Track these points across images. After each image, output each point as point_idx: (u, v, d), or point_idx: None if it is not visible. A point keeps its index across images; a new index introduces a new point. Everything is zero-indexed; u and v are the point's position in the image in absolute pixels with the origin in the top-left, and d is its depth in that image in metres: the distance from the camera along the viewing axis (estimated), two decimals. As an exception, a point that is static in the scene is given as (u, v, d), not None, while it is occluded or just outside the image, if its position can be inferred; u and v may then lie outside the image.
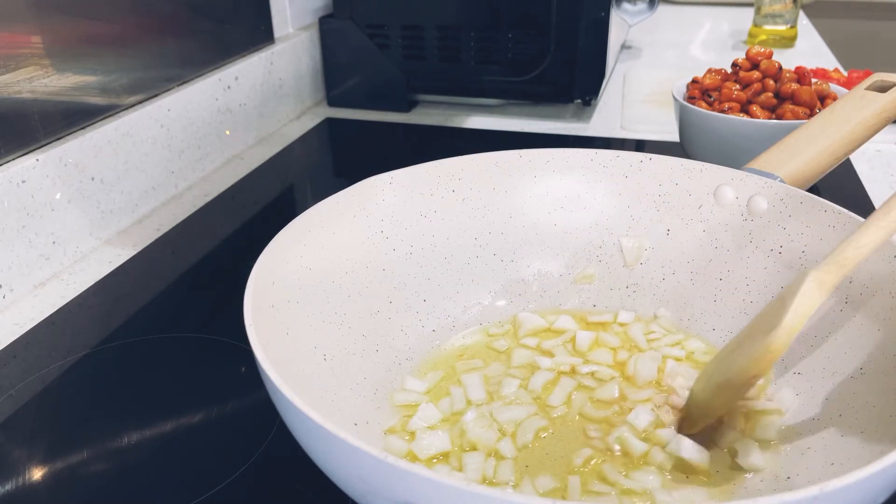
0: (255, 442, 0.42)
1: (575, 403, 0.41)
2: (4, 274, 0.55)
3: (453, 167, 0.50)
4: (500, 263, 0.50)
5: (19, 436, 0.44)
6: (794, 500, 0.24)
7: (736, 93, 0.67)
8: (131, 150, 0.66)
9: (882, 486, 0.27)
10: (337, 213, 0.45)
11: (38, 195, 0.57)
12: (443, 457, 0.38)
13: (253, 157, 0.81)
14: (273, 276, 0.39)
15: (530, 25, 0.85)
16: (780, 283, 0.44)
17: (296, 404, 0.29)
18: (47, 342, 0.52)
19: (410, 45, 0.91)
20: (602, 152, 0.51)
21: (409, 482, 0.26)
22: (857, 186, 0.70)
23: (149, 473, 0.40)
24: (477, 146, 0.55)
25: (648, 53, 1.20)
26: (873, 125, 0.55)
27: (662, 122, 0.86)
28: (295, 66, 0.92)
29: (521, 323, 0.48)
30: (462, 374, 0.44)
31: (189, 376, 0.48)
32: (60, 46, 0.60)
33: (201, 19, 0.77)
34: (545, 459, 0.38)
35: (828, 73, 0.89)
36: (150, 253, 0.63)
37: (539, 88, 0.89)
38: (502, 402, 0.41)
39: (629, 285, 0.50)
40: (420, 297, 0.48)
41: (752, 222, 0.46)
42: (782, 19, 1.19)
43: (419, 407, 0.41)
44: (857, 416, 0.36)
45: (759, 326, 0.37)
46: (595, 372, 0.44)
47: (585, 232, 0.51)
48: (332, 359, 0.40)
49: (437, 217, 0.49)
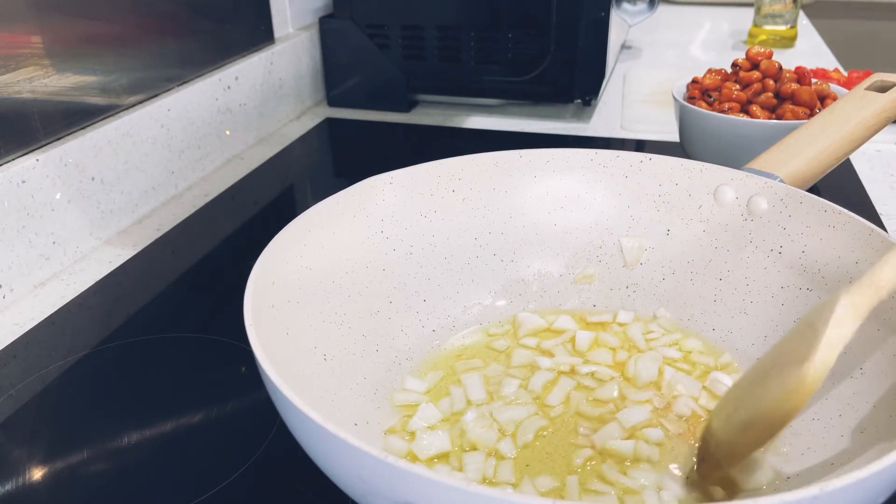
0: (255, 442, 0.42)
1: (573, 403, 0.41)
2: (4, 274, 0.55)
3: (453, 167, 0.50)
4: (500, 263, 0.50)
5: (19, 436, 0.44)
6: (794, 500, 0.24)
7: (736, 93, 0.67)
8: (131, 150, 0.66)
9: (882, 486, 0.27)
10: (337, 213, 0.45)
11: (38, 195, 0.57)
12: (443, 457, 0.38)
13: (253, 157, 0.82)
14: (273, 276, 0.39)
15: (530, 25, 0.85)
16: (780, 284, 0.44)
17: (296, 404, 0.29)
18: (47, 342, 0.52)
19: (410, 45, 0.91)
20: (602, 152, 0.51)
21: (409, 482, 0.26)
22: (857, 186, 0.70)
23: (149, 473, 0.40)
24: (477, 146, 0.55)
25: (648, 53, 1.20)
26: (873, 125, 0.55)
27: (662, 122, 0.86)
28: (295, 66, 0.92)
29: (520, 323, 0.48)
30: (462, 373, 0.44)
31: (189, 376, 0.48)
32: (60, 46, 0.60)
33: (201, 19, 0.77)
34: (545, 459, 0.38)
35: (828, 73, 0.89)
36: (150, 253, 0.63)
37: (539, 88, 0.89)
38: (502, 402, 0.41)
39: (629, 285, 0.50)
40: (420, 297, 0.48)
41: (752, 222, 0.46)
42: (782, 19, 1.19)
43: (419, 407, 0.41)
44: (857, 416, 0.36)
45: (786, 354, 0.34)
46: (595, 372, 0.44)
47: (585, 232, 0.51)
48: (332, 359, 0.40)
49: (437, 217, 0.49)
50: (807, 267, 0.43)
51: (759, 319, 0.45)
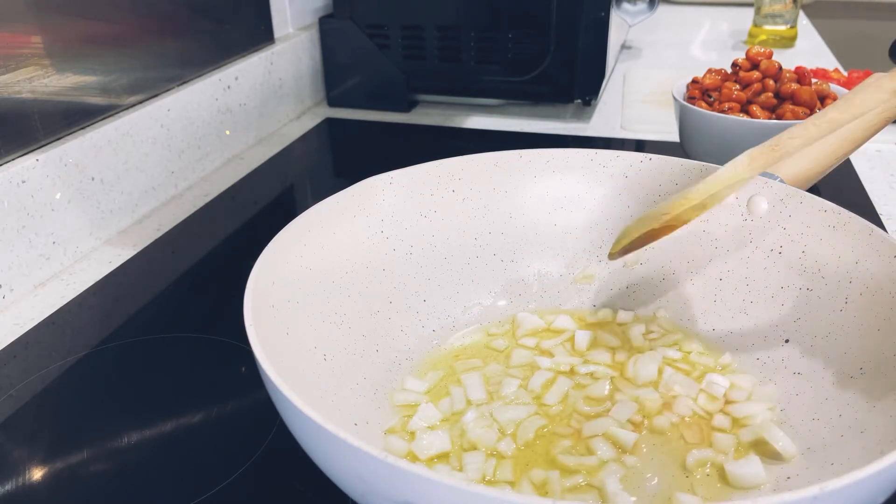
0: (255, 442, 0.42)
1: (570, 402, 0.41)
2: (4, 274, 0.55)
3: (453, 167, 0.50)
4: (500, 263, 0.50)
5: (19, 436, 0.44)
6: (794, 500, 0.24)
7: (736, 93, 0.67)
8: (131, 150, 0.66)
9: (882, 486, 0.27)
10: (337, 213, 0.45)
11: (38, 195, 0.57)
12: (443, 457, 0.38)
13: (253, 157, 0.82)
14: (273, 276, 0.39)
15: (530, 25, 0.86)
16: (780, 284, 0.44)
17: (296, 404, 0.29)
18: (47, 342, 0.52)
19: (410, 45, 0.91)
20: (602, 152, 0.51)
21: (409, 482, 0.26)
22: (857, 186, 0.70)
23: (149, 473, 0.40)
24: (477, 146, 0.55)
25: (648, 53, 1.20)
26: (873, 125, 0.55)
27: (662, 122, 0.86)
28: (295, 66, 0.92)
29: (519, 323, 0.48)
30: (461, 373, 0.44)
31: (189, 376, 0.48)
32: (60, 46, 0.60)
33: (201, 19, 0.77)
34: (546, 458, 0.38)
35: (828, 73, 0.89)
36: (150, 253, 0.63)
37: (539, 88, 0.89)
38: (502, 402, 0.41)
39: (629, 285, 0.50)
40: (420, 297, 0.48)
41: (752, 222, 0.46)
42: (782, 19, 1.19)
43: (419, 407, 0.41)
44: (857, 416, 0.36)
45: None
46: (594, 372, 0.44)
47: (585, 232, 0.51)
48: (332, 359, 0.40)
49: (437, 217, 0.49)
50: (807, 267, 0.43)
51: (759, 319, 0.45)
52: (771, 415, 0.40)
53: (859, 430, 0.35)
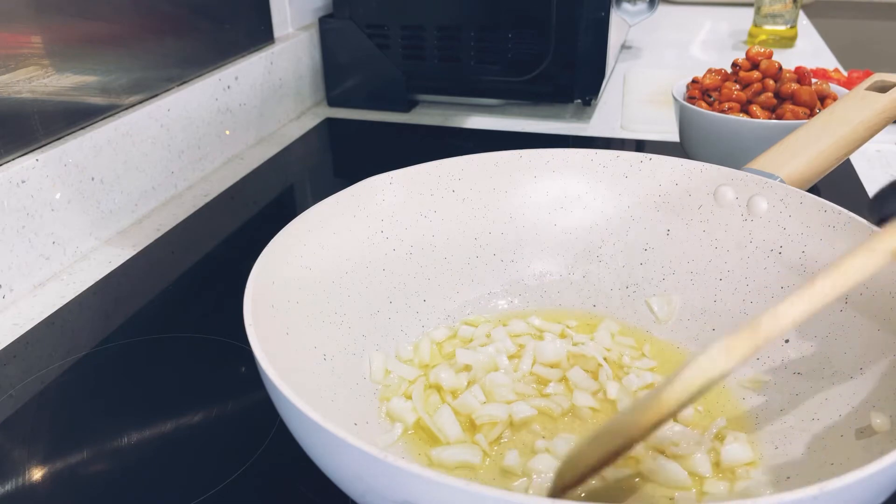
0: (255, 442, 0.42)
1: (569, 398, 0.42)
2: (4, 274, 0.55)
3: (453, 167, 0.50)
4: (500, 263, 0.50)
5: (19, 436, 0.44)
6: (794, 499, 0.24)
7: (736, 93, 0.67)
8: (131, 150, 0.66)
9: (882, 486, 0.27)
10: (337, 214, 0.45)
11: (38, 195, 0.57)
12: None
13: (253, 157, 0.82)
14: (273, 276, 0.39)
15: (530, 25, 0.85)
16: (781, 284, 0.44)
17: (296, 404, 0.29)
18: (47, 342, 0.52)
19: (410, 45, 0.91)
20: (602, 152, 0.51)
21: (408, 482, 0.26)
22: (857, 186, 0.70)
23: (149, 473, 0.40)
24: (477, 146, 0.55)
25: (648, 53, 1.20)
26: (873, 125, 0.55)
27: (662, 122, 0.86)
28: (295, 66, 0.92)
29: (509, 325, 0.48)
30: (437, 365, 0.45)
31: (189, 376, 0.48)
32: (60, 46, 0.60)
33: (201, 19, 0.77)
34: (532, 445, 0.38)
35: (828, 73, 0.89)
36: (150, 253, 0.63)
37: (539, 88, 0.89)
38: (494, 391, 0.42)
39: (629, 285, 0.50)
40: (420, 297, 0.48)
41: (752, 222, 0.46)
42: (782, 19, 1.19)
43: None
44: (857, 415, 0.36)
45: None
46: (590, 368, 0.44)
47: (585, 232, 0.51)
48: (332, 359, 0.40)
49: (437, 217, 0.49)
50: (807, 267, 0.43)
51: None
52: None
53: (859, 430, 0.35)
